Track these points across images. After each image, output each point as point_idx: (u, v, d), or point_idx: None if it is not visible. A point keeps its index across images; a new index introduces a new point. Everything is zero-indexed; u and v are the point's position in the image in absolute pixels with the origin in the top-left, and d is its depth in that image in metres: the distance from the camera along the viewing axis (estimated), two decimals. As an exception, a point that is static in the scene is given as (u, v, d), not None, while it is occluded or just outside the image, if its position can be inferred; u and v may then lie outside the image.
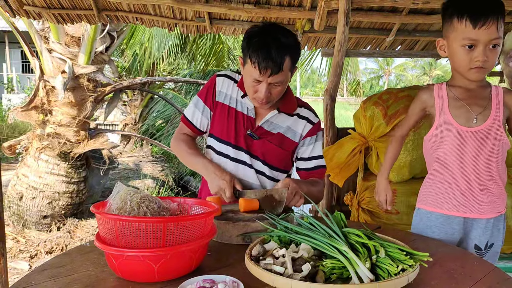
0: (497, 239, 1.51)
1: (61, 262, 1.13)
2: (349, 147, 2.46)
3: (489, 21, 1.28)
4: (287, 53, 1.41)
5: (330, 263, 0.97)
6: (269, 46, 1.38)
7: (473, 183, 1.43)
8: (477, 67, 1.33)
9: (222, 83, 1.63)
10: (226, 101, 1.62)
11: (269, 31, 1.44)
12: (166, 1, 2.67)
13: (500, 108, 1.41)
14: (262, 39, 1.41)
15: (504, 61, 2.83)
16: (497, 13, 1.30)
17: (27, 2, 2.84)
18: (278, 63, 1.39)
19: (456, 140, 1.42)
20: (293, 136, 1.63)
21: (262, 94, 1.46)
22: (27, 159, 4.61)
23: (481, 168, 1.41)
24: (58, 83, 4.36)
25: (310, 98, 36.99)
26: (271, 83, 1.44)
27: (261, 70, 1.40)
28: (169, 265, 0.98)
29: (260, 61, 1.38)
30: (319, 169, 1.67)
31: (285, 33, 1.45)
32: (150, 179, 6.92)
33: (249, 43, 1.43)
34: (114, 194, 1.10)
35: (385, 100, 2.38)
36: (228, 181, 1.47)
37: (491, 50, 1.32)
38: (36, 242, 4.21)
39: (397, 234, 1.41)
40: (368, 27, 3.07)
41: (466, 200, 1.45)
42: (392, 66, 40.47)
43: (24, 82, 15.87)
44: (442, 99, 1.46)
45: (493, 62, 1.35)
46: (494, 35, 1.29)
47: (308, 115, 1.66)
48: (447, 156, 1.45)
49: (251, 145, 1.61)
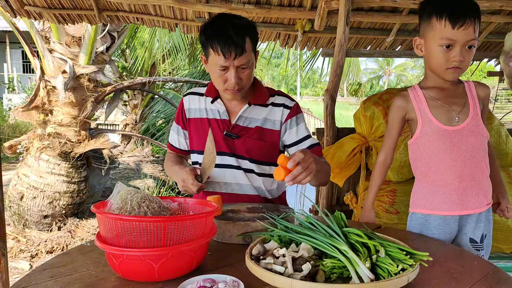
0: (489, 229, 1.53)
1: (61, 262, 1.13)
2: (349, 147, 2.46)
3: (467, 21, 1.30)
4: (246, 33, 1.44)
5: (331, 262, 0.97)
6: (226, 30, 1.41)
7: (465, 180, 1.43)
8: (454, 67, 1.35)
9: (189, 101, 1.69)
10: (197, 115, 1.66)
11: (222, 18, 1.48)
12: (167, 1, 2.67)
13: (476, 103, 1.44)
14: (217, 26, 1.44)
15: (504, 61, 2.83)
16: (475, 15, 1.32)
17: (28, 2, 2.85)
18: (240, 43, 1.41)
19: (441, 140, 1.42)
20: (272, 125, 1.61)
21: (232, 80, 1.46)
22: (27, 159, 4.62)
23: (469, 164, 1.42)
24: (58, 83, 4.37)
25: (310, 98, 37.00)
26: (238, 66, 1.45)
27: (225, 54, 1.41)
28: (170, 265, 0.98)
29: (221, 46, 1.40)
30: (315, 147, 1.62)
31: (238, 17, 1.49)
32: (150, 179, 6.92)
33: (206, 34, 1.45)
34: (115, 194, 1.10)
35: (385, 100, 2.38)
36: (187, 171, 1.48)
37: (467, 51, 1.34)
38: (37, 241, 4.22)
39: (397, 234, 1.41)
40: (368, 27, 3.06)
41: (461, 198, 1.44)
42: (392, 66, 40.46)
43: (25, 82, 15.88)
44: (421, 102, 1.45)
45: (468, 63, 1.37)
46: (472, 36, 1.31)
47: (283, 101, 1.64)
48: (435, 157, 1.44)
49: (232, 146, 1.61)
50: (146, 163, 8.01)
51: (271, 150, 1.63)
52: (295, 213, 1.36)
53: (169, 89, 9.63)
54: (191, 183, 1.46)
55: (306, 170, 1.22)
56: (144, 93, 8.89)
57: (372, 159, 2.42)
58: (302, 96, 39.18)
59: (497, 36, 3.17)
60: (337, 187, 2.70)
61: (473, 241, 1.50)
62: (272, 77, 37.32)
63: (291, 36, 3.06)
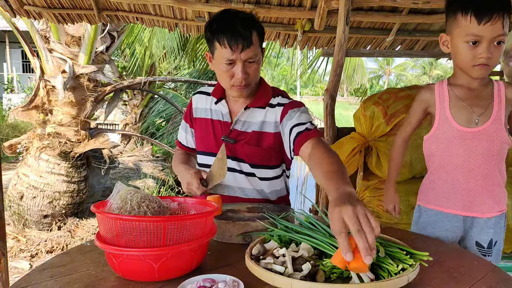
0: (500, 236, 1.51)
1: (61, 262, 1.13)
2: (349, 147, 2.46)
3: (494, 17, 1.25)
4: (252, 27, 1.42)
5: (330, 262, 0.97)
6: (233, 23, 1.39)
7: (474, 182, 1.42)
8: (481, 64, 1.30)
9: (197, 100, 1.68)
10: (202, 115, 1.65)
11: (228, 13, 1.45)
12: (167, 1, 2.67)
13: (502, 107, 1.40)
14: (224, 20, 1.42)
15: (504, 61, 2.83)
16: (503, 9, 1.26)
17: (27, 2, 2.85)
18: (247, 36, 1.39)
19: (456, 140, 1.41)
20: (270, 128, 1.55)
21: (239, 74, 1.43)
22: (27, 158, 4.62)
23: (481, 168, 1.41)
24: (58, 83, 4.37)
25: (310, 98, 37.00)
26: (245, 60, 1.43)
27: (232, 47, 1.39)
28: (170, 265, 0.98)
29: (228, 39, 1.38)
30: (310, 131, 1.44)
31: (244, 13, 1.46)
32: (150, 179, 6.92)
33: (212, 29, 1.43)
34: (115, 194, 1.10)
35: (385, 100, 2.38)
36: (192, 173, 1.47)
37: (495, 46, 1.29)
38: (37, 241, 4.22)
39: (397, 234, 1.41)
40: (368, 27, 3.07)
41: (466, 200, 1.45)
42: (392, 66, 40.49)
43: (24, 81, 15.88)
44: (443, 99, 1.44)
45: (497, 59, 1.32)
46: (499, 31, 1.26)
47: (279, 101, 1.56)
48: (446, 156, 1.45)
49: (233, 149, 1.58)
50: (146, 163, 8.00)
51: (270, 154, 1.58)
52: (295, 213, 1.36)
53: (169, 88, 9.64)
54: (196, 187, 1.46)
55: (363, 227, 0.87)
56: (144, 92, 8.89)
57: (372, 159, 2.42)
58: (302, 96, 39.19)
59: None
60: (337, 187, 2.69)
61: (480, 245, 1.50)
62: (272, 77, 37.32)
63: (291, 35, 3.06)
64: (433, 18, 2.86)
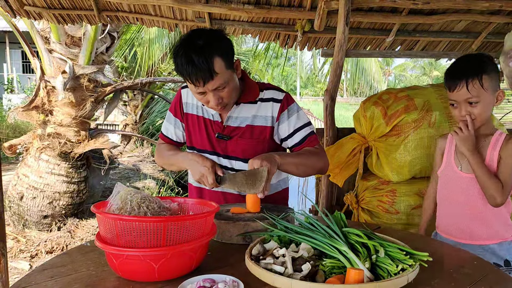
0: None
1: (61, 262, 1.13)
2: (349, 147, 2.46)
3: (459, 84, 1.48)
4: (214, 54, 1.35)
5: (330, 262, 0.97)
6: (190, 58, 1.33)
7: (471, 215, 1.59)
8: (462, 120, 1.54)
9: (187, 95, 1.66)
10: (194, 111, 1.64)
11: (188, 41, 1.38)
12: (166, 2, 2.67)
13: (494, 158, 1.53)
14: (182, 54, 1.36)
15: (504, 61, 2.83)
16: (471, 75, 1.46)
17: (27, 3, 2.85)
18: (206, 69, 1.33)
19: (456, 182, 1.62)
20: (264, 121, 1.58)
21: (212, 102, 1.43)
22: (27, 159, 4.62)
23: (475, 204, 1.58)
24: (58, 83, 4.37)
25: (310, 98, 36.99)
26: (214, 89, 1.40)
27: (195, 83, 1.37)
28: (170, 265, 0.98)
29: (189, 76, 1.36)
30: (309, 137, 1.59)
31: (206, 35, 1.38)
32: (150, 179, 6.92)
33: (175, 64, 1.40)
34: (115, 194, 1.10)
35: (385, 100, 2.38)
36: (209, 167, 1.45)
37: (472, 106, 1.50)
38: (37, 242, 4.22)
39: (397, 234, 1.41)
40: (368, 27, 3.06)
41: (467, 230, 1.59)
42: (392, 66, 40.48)
43: (24, 82, 15.88)
44: (451, 148, 1.68)
45: (479, 114, 1.50)
46: (466, 95, 1.48)
47: (271, 95, 1.59)
48: (448, 192, 1.66)
49: (225, 148, 1.59)
50: (146, 163, 8.01)
51: (264, 147, 1.60)
52: (295, 213, 1.36)
53: (169, 89, 9.64)
54: (210, 183, 1.45)
55: None
56: (144, 93, 8.89)
57: (372, 159, 2.42)
58: (302, 96, 39.17)
59: (496, 36, 3.17)
60: (337, 187, 2.70)
61: (498, 265, 1.55)
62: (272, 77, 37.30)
63: (291, 36, 3.06)
64: (433, 19, 2.86)
